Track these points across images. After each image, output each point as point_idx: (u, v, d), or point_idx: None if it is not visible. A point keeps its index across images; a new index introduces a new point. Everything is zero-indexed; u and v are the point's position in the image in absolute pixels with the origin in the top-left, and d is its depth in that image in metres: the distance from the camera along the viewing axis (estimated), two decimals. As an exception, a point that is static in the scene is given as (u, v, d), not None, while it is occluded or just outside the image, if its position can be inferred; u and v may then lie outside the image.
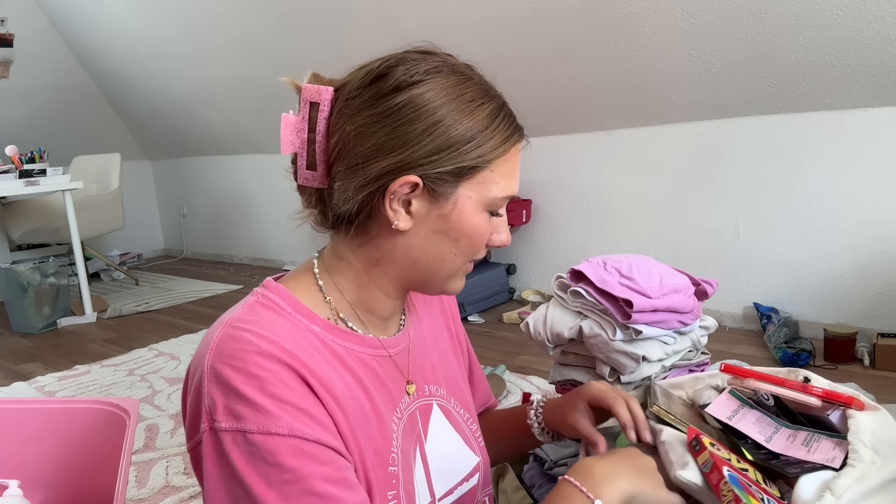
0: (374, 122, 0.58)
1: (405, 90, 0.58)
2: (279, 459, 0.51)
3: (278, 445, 0.51)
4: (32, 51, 3.99)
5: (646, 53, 2.29)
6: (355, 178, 0.59)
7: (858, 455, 0.61)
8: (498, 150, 0.61)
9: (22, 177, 3.09)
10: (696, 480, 0.61)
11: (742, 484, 0.58)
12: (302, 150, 0.61)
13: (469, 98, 0.60)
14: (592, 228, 2.83)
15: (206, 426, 0.52)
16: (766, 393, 0.71)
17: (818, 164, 2.20)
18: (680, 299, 0.94)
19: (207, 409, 0.53)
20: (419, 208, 0.60)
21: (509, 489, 0.94)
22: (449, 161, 0.58)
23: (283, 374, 0.54)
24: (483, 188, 0.61)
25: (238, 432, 0.51)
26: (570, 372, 1.01)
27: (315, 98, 0.60)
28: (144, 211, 5.11)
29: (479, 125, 0.60)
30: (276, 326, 0.58)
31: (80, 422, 1.06)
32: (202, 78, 3.81)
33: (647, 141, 2.60)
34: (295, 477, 0.51)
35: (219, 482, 0.52)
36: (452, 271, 0.65)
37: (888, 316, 2.14)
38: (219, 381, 0.53)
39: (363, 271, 0.65)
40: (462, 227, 0.61)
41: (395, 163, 0.57)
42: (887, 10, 1.81)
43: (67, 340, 2.90)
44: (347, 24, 2.86)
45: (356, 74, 0.61)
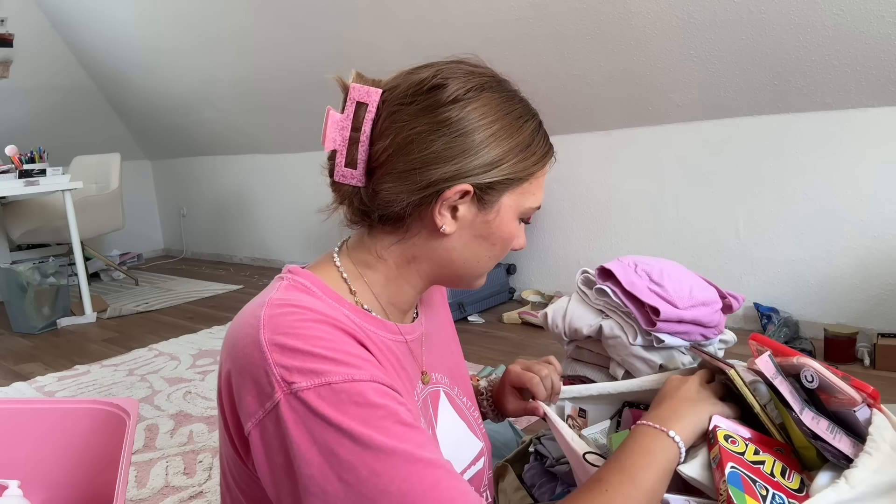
0: (434, 129, 0.61)
1: (462, 103, 0.62)
2: (369, 399, 0.53)
3: (364, 389, 0.53)
4: (32, 51, 3.99)
5: (646, 53, 2.29)
6: (409, 182, 0.61)
7: (877, 445, 0.60)
8: (539, 163, 0.66)
9: (22, 177, 3.09)
10: (695, 475, 0.61)
11: (745, 482, 0.57)
12: (343, 147, 0.63)
13: (517, 114, 0.65)
14: (592, 228, 2.83)
15: (281, 394, 0.53)
16: (811, 374, 0.67)
17: (818, 163, 2.20)
18: (706, 313, 0.93)
19: (279, 378, 0.53)
20: (465, 214, 0.64)
21: (509, 489, 0.94)
22: (499, 172, 0.63)
23: (343, 336, 0.57)
24: (522, 198, 0.66)
25: (322, 386, 0.53)
26: (582, 368, 1.01)
27: (364, 98, 0.62)
28: (144, 211, 5.11)
29: (526, 140, 0.65)
30: (316, 304, 0.60)
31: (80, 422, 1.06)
32: (202, 77, 3.81)
33: (647, 141, 2.60)
34: (386, 413, 0.53)
35: (308, 441, 0.52)
36: (484, 271, 0.71)
37: (888, 316, 2.14)
38: (284, 349, 0.54)
39: (395, 267, 0.68)
40: (501, 232, 0.67)
41: (452, 171, 0.61)
42: (887, 10, 1.81)
43: (67, 340, 2.90)
44: (348, 24, 2.86)
45: (406, 80, 0.64)
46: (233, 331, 0.61)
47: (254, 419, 0.55)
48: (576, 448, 0.69)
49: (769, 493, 0.58)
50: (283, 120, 3.74)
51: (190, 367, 2.41)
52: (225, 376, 0.59)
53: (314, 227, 3.78)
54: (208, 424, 1.87)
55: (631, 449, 0.62)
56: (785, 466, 0.63)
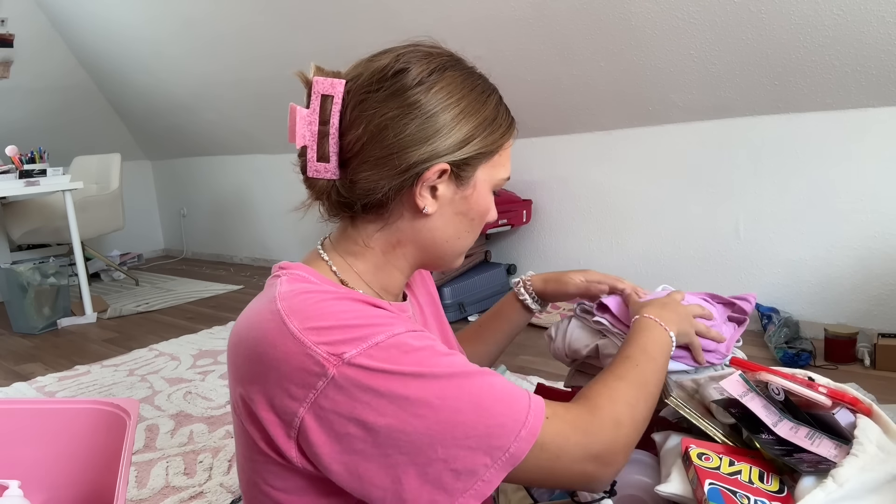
0: (406, 113, 0.62)
1: (427, 84, 0.63)
2: (413, 346, 0.57)
3: (405, 339, 0.57)
4: (32, 51, 3.99)
5: (646, 53, 2.29)
6: (388, 168, 0.62)
7: (863, 447, 0.61)
8: (505, 135, 0.68)
9: (22, 177, 3.09)
10: (677, 491, 0.62)
11: (725, 495, 0.58)
12: (312, 142, 0.63)
13: (480, 90, 0.66)
14: (593, 228, 2.83)
15: (334, 368, 0.55)
16: (777, 388, 0.71)
17: (818, 164, 2.20)
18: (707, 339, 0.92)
19: (325, 355, 0.55)
20: (445, 192, 0.65)
21: (509, 489, 0.94)
22: (471, 148, 0.64)
23: (362, 305, 0.60)
24: (494, 171, 0.68)
25: (371, 347, 0.55)
26: (586, 381, 1.02)
27: (328, 90, 0.63)
28: (144, 211, 5.11)
29: (492, 114, 0.66)
30: (319, 286, 0.63)
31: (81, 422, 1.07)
32: (202, 78, 3.81)
33: (648, 141, 2.60)
34: (431, 352, 0.57)
35: (377, 397, 0.54)
36: (464, 248, 0.72)
37: (889, 316, 2.14)
38: (320, 329, 0.56)
39: (382, 254, 0.69)
40: (479, 206, 0.69)
41: (429, 152, 0.62)
42: (887, 10, 1.81)
43: (67, 341, 2.90)
44: (348, 24, 2.86)
45: (367, 68, 0.64)
46: (249, 335, 0.60)
47: (305, 404, 0.55)
48: None
49: (751, 500, 0.59)
50: (284, 120, 3.74)
51: (190, 367, 2.41)
52: (253, 383, 0.59)
53: (314, 227, 3.77)
54: (208, 424, 1.87)
55: (648, 336, 0.74)
56: (762, 471, 0.64)
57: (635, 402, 0.63)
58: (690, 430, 0.75)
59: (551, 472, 0.58)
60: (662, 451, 0.71)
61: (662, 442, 0.73)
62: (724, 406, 0.73)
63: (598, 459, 0.59)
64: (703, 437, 0.71)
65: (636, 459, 0.72)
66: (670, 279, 2.61)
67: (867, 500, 0.57)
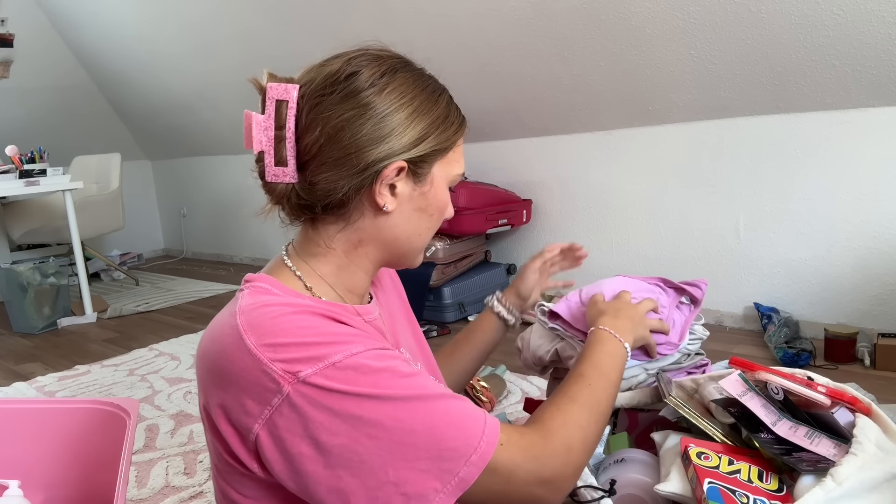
0: (361, 114, 0.63)
1: (380, 85, 0.64)
2: (372, 367, 0.57)
3: (363, 359, 0.57)
4: (32, 51, 3.99)
5: (646, 53, 2.29)
6: (346, 168, 0.63)
7: (862, 446, 0.61)
8: (458, 132, 0.70)
9: (22, 177, 3.09)
10: (676, 490, 0.62)
11: (724, 494, 0.59)
12: (269, 147, 0.64)
13: (431, 90, 0.68)
14: (593, 228, 2.83)
15: (289, 386, 0.55)
16: (776, 387, 0.72)
17: (818, 164, 2.20)
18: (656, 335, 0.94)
19: (281, 373, 0.55)
20: (403, 189, 0.67)
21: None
22: (426, 145, 0.66)
23: (322, 319, 0.60)
24: (449, 167, 0.70)
25: (327, 367, 0.55)
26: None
27: (283, 96, 0.64)
28: (144, 211, 5.11)
29: (443, 112, 0.68)
30: (282, 297, 0.63)
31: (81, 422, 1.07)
32: (202, 77, 3.81)
33: (648, 141, 2.60)
34: (390, 373, 0.57)
35: (330, 416, 0.55)
36: (423, 245, 0.73)
37: (889, 316, 2.14)
38: (276, 346, 0.56)
39: (344, 255, 0.70)
40: (437, 202, 0.70)
41: (386, 150, 0.64)
42: (887, 10, 1.81)
43: (68, 340, 2.90)
44: (348, 26, 2.86)
45: (319, 72, 0.66)
46: (211, 348, 0.61)
47: (260, 420, 0.56)
48: None
49: (750, 499, 0.59)
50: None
51: (190, 367, 2.41)
52: (214, 395, 0.60)
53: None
54: (208, 424, 1.87)
55: (602, 351, 0.76)
56: (761, 470, 0.64)
57: (587, 425, 0.65)
58: (690, 430, 0.75)
59: (502, 495, 0.59)
60: (662, 450, 0.71)
61: (662, 441, 0.73)
62: (724, 405, 0.73)
63: (549, 484, 0.60)
64: (703, 436, 0.71)
65: (636, 458, 0.72)
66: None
67: (866, 499, 0.57)
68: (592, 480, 0.67)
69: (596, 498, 0.65)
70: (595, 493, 0.65)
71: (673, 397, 0.75)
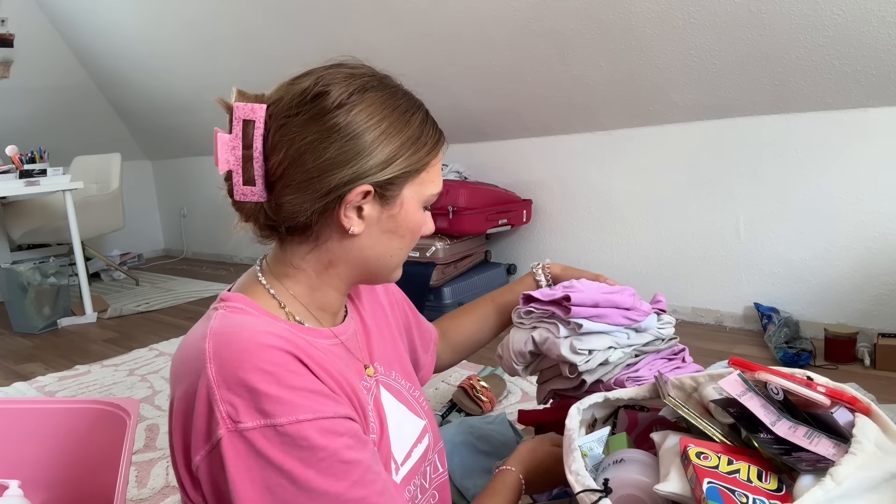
0: (324, 137, 0.62)
1: (347, 106, 0.63)
2: (312, 442, 0.55)
3: (308, 430, 0.55)
4: (32, 51, 3.99)
5: (646, 53, 2.29)
6: (310, 191, 0.62)
7: (861, 446, 0.61)
8: (432, 152, 0.68)
9: (22, 177, 3.09)
10: (676, 490, 0.62)
11: (723, 494, 0.59)
12: (237, 166, 0.64)
13: (403, 109, 0.66)
14: (593, 228, 2.83)
15: (225, 431, 0.54)
16: (776, 387, 0.72)
17: (818, 163, 2.20)
18: (621, 298, 0.98)
19: (225, 415, 0.54)
20: (370, 212, 0.66)
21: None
22: (396, 168, 0.65)
23: (289, 363, 0.57)
24: (422, 188, 0.69)
25: (268, 427, 0.54)
26: (549, 384, 1.04)
27: (249, 116, 0.63)
28: (145, 211, 5.11)
29: (415, 133, 0.66)
30: (256, 323, 0.61)
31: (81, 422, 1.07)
32: (203, 77, 3.81)
33: (648, 141, 2.60)
34: (328, 454, 0.56)
35: (247, 479, 0.54)
36: (397, 264, 0.73)
37: (889, 316, 2.14)
38: (232, 385, 0.55)
39: (315, 275, 0.69)
40: (408, 224, 0.69)
41: (350, 174, 0.62)
42: (887, 10, 1.81)
43: (68, 340, 2.90)
44: (348, 25, 2.86)
45: (288, 91, 0.65)
46: (178, 364, 0.61)
47: (201, 453, 0.56)
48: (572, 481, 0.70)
49: (749, 499, 0.59)
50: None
51: (190, 367, 2.41)
52: (173, 414, 0.60)
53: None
54: (208, 424, 1.87)
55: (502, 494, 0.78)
56: (760, 470, 0.64)
57: None
58: (689, 430, 0.75)
59: None
60: (661, 450, 0.71)
61: (661, 441, 0.73)
62: (723, 406, 0.73)
63: None
64: (702, 436, 0.71)
65: (634, 459, 0.72)
66: (670, 279, 2.62)
67: (865, 499, 0.57)
68: (590, 482, 0.67)
69: (594, 501, 0.65)
70: (593, 496, 0.65)
71: (672, 398, 0.75)
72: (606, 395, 0.85)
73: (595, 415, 0.86)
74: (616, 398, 0.85)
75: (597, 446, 0.77)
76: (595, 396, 0.84)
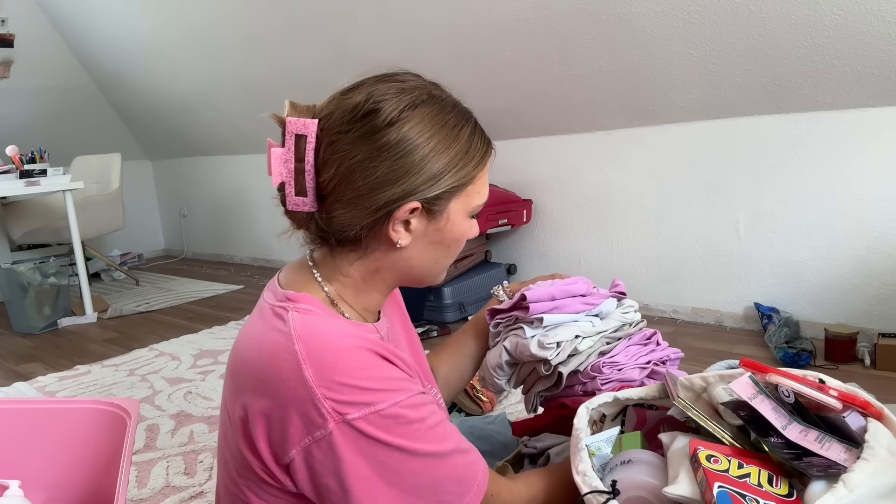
0: (374, 156, 0.63)
1: (398, 124, 0.64)
2: (408, 417, 0.62)
3: (404, 410, 0.62)
4: (33, 51, 3.99)
5: (646, 53, 2.29)
6: (360, 208, 0.65)
7: (874, 452, 0.60)
8: (478, 166, 0.70)
9: (22, 177, 3.09)
10: (685, 493, 0.62)
11: (734, 498, 0.58)
12: (290, 179, 0.66)
13: (452, 124, 0.67)
14: (593, 228, 2.83)
15: (334, 424, 0.59)
16: (787, 390, 0.71)
17: (818, 163, 2.20)
18: (576, 286, 1.02)
19: (331, 410, 0.59)
20: (418, 226, 0.68)
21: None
22: (443, 184, 0.66)
23: (374, 359, 0.63)
24: (468, 199, 0.71)
25: (372, 414, 0.60)
26: (533, 390, 1.06)
27: (301, 131, 0.65)
28: (145, 211, 5.11)
29: (464, 147, 0.68)
30: (335, 325, 0.66)
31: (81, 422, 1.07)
32: (203, 78, 3.81)
33: (648, 141, 2.60)
34: (420, 423, 0.63)
35: (361, 460, 0.60)
36: (442, 269, 0.76)
37: (889, 316, 2.14)
38: (332, 385, 0.60)
39: (361, 280, 0.72)
40: (454, 235, 0.71)
41: (399, 192, 0.64)
42: (888, 10, 1.81)
43: (68, 340, 2.90)
44: (348, 24, 2.86)
45: (339, 105, 0.66)
46: (259, 362, 0.64)
47: (299, 446, 0.60)
48: (578, 481, 0.69)
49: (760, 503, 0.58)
50: (284, 120, 3.74)
51: (191, 367, 2.41)
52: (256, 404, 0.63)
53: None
54: (209, 424, 1.87)
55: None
56: (771, 474, 0.63)
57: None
58: (698, 431, 0.74)
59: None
60: (669, 452, 0.70)
61: (669, 443, 0.72)
62: (733, 408, 0.72)
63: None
64: (711, 438, 0.70)
65: (643, 460, 0.71)
66: (670, 279, 2.62)
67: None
68: (598, 484, 0.67)
69: (602, 502, 0.64)
70: (601, 498, 0.65)
71: (681, 399, 0.74)
72: (616, 395, 0.84)
73: (604, 413, 0.86)
74: (626, 398, 0.85)
75: (605, 446, 0.77)
76: (604, 396, 0.84)
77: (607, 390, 0.91)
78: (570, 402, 0.96)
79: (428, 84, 0.70)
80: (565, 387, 0.98)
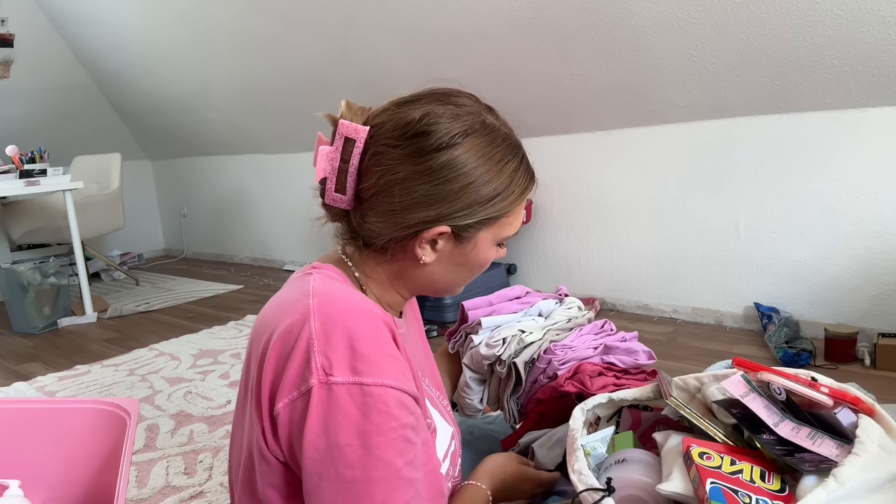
0: (415, 177, 0.64)
1: (445, 150, 0.65)
2: (389, 409, 0.58)
3: (389, 397, 0.58)
4: (33, 51, 4.00)
5: (646, 53, 2.29)
6: (391, 222, 0.66)
7: (865, 447, 0.61)
8: (517, 201, 0.70)
9: (22, 177, 3.09)
10: (678, 490, 0.62)
11: (727, 494, 0.59)
12: (332, 175, 0.67)
13: (497, 158, 0.68)
14: (593, 228, 2.83)
15: (316, 381, 0.57)
16: (779, 387, 0.72)
17: (818, 163, 2.20)
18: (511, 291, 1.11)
19: (319, 366, 0.58)
20: (444, 247, 0.69)
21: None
22: (477, 215, 0.67)
23: (383, 330, 0.62)
24: (499, 230, 0.71)
25: (354, 385, 0.57)
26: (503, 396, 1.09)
27: (352, 135, 0.66)
28: (145, 211, 5.11)
29: (505, 182, 0.68)
30: (353, 292, 0.66)
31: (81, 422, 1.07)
32: (203, 77, 3.81)
33: (648, 141, 2.60)
34: (398, 425, 0.59)
35: (322, 431, 0.57)
36: (461, 286, 0.76)
37: (889, 316, 2.14)
38: (332, 340, 0.59)
39: (386, 280, 0.74)
40: (478, 260, 0.72)
41: (433, 215, 0.66)
42: (887, 10, 1.81)
43: (68, 340, 2.90)
44: (348, 24, 2.86)
45: (392, 117, 0.67)
46: (280, 321, 0.63)
47: (285, 400, 0.59)
48: (574, 480, 0.70)
49: (752, 499, 0.59)
50: (284, 119, 3.75)
51: (190, 367, 2.41)
52: (270, 356, 0.62)
53: (314, 227, 3.77)
54: (209, 424, 1.87)
55: None
56: (763, 470, 0.64)
57: None
58: (692, 430, 0.75)
59: None
60: (663, 450, 0.71)
61: (663, 441, 0.73)
62: (726, 407, 0.73)
63: None
64: (704, 437, 0.71)
65: (637, 459, 0.72)
66: (670, 279, 2.62)
67: (868, 500, 0.57)
68: (593, 482, 0.67)
69: (597, 499, 0.65)
70: (596, 495, 0.65)
71: (674, 398, 0.75)
72: (611, 396, 0.85)
73: (599, 414, 0.87)
74: (620, 398, 0.85)
75: (600, 446, 0.77)
76: (599, 397, 0.85)
77: (566, 370, 0.97)
78: (541, 394, 1.00)
79: (483, 110, 0.71)
80: (530, 382, 1.03)
